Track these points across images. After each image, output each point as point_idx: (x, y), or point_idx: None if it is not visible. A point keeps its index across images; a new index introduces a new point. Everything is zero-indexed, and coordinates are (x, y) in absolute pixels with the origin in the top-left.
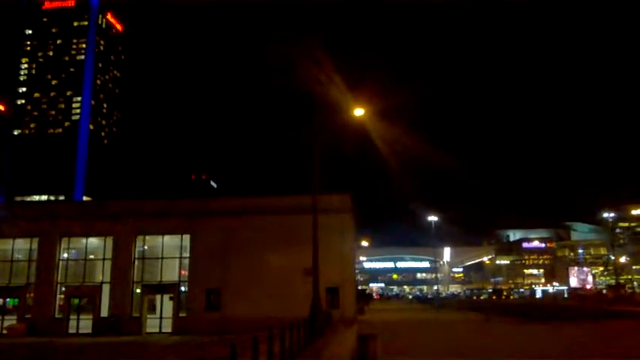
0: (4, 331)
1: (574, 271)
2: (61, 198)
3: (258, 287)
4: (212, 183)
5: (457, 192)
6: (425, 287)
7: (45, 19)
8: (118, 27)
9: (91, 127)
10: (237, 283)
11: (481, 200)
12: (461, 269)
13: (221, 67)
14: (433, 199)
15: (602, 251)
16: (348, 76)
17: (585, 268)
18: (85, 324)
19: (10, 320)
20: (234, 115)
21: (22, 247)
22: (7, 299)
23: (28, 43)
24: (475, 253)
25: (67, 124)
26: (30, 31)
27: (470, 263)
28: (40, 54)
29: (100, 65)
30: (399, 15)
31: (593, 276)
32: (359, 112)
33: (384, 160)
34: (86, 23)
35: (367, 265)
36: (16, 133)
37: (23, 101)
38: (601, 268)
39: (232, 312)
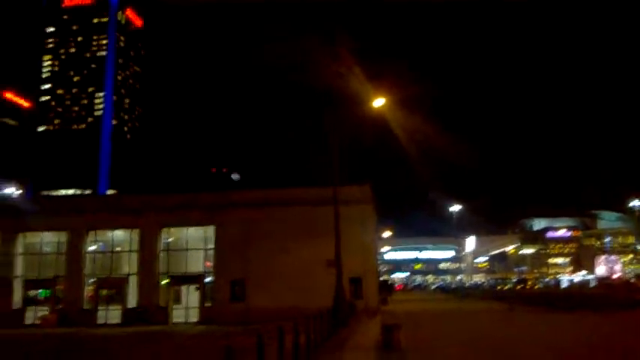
0: (37, 322)
1: (601, 259)
2: (87, 192)
3: (281, 278)
4: (232, 176)
5: (480, 181)
6: (448, 277)
7: (65, 17)
8: (138, 22)
9: (114, 122)
10: (260, 274)
11: (504, 189)
12: (484, 259)
13: (240, 60)
14: (456, 189)
15: (630, 240)
16: (367, 67)
17: (613, 257)
18: (114, 314)
19: (42, 311)
20: (254, 109)
21: (50, 240)
22: (39, 291)
23: (50, 40)
24: (499, 242)
25: (90, 119)
26: (51, 29)
27: (494, 253)
28: (62, 51)
29: (121, 61)
30: (418, 4)
31: (621, 265)
32: (379, 102)
33: (405, 150)
34: (106, 20)
35: (389, 255)
36: (41, 129)
37: (47, 98)
38: (630, 256)
39: (256, 303)
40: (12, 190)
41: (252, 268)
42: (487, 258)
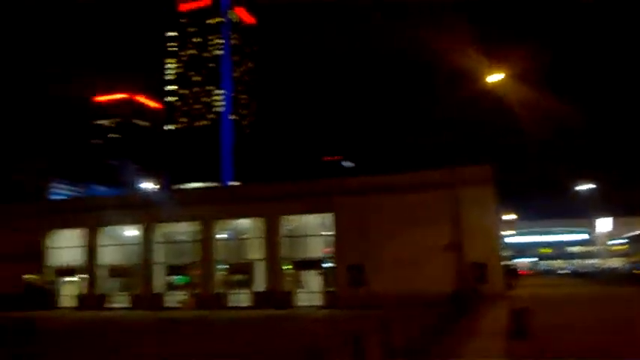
0: (179, 305)
1: None
2: (213, 184)
3: (400, 263)
4: (344, 163)
5: (612, 158)
6: (578, 261)
7: (183, 20)
8: (250, 20)
9: (234, 117)
10: (379, 260)
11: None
12: (620, 241)
13: (351, 47)
14: (585, 167)
15: None
16: (484, 43)
17: None
18: (243, 298)
19: (180, 295)
20: (365, 95)
21: (185, 229)
22: (176, 276)
23: (172, 44)
24: (637, 223)
25: (211, 116)
26: (172, 33)
27: (631, 234)
28: (182, 53)
29: (236, 58)
30: None
31: None
32: (496, 77)
33: (527, 128)
34: (220, 20)
35: (514, 239)
36: (169, 127)
37: (173, 98)
38: None
39: (376, 287)
40: (149, 185)
41: (371, 253)
42: (622, 240)
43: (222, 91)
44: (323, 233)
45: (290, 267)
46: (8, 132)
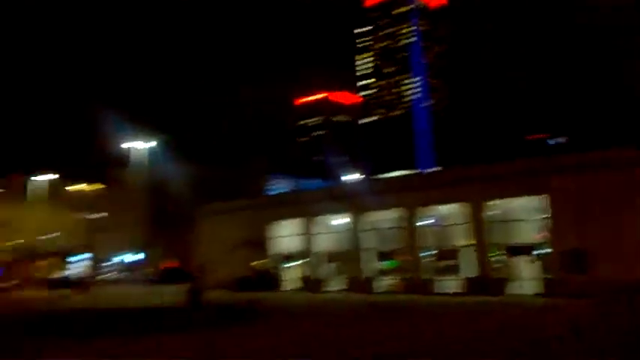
0: (389, 289)
1: None
2: (412, 172)
3: (626, 247)
4: (550, 141)
5: None
6: None
7: (373, 15)
8: (440, 1)
9: (428, 103)
10: (602, 244)
11: None
12: None
13: (549, 17)
14: None
15: None
16: None
17: None
18: (450, 284)
19: (389, 279)
20: (569, 67)
21: (391, 216)
22: (384, 262)
23: (362, 39)
24: None
25: (405, 105)
26: (361, 30)
27: None
28: (375, 46)
29: (427, 44)
30: None
31: None
32: None
33: None
34: (408, 8)
35: None
36: (368, 120)
37: (368, 92)
38: None
39: (599, 274)
40: (354, 176)
41: (591, 237)
42: None
43: (415, 79)
44: (534, 217)
45: (499, 253)
46: (233, 137)
